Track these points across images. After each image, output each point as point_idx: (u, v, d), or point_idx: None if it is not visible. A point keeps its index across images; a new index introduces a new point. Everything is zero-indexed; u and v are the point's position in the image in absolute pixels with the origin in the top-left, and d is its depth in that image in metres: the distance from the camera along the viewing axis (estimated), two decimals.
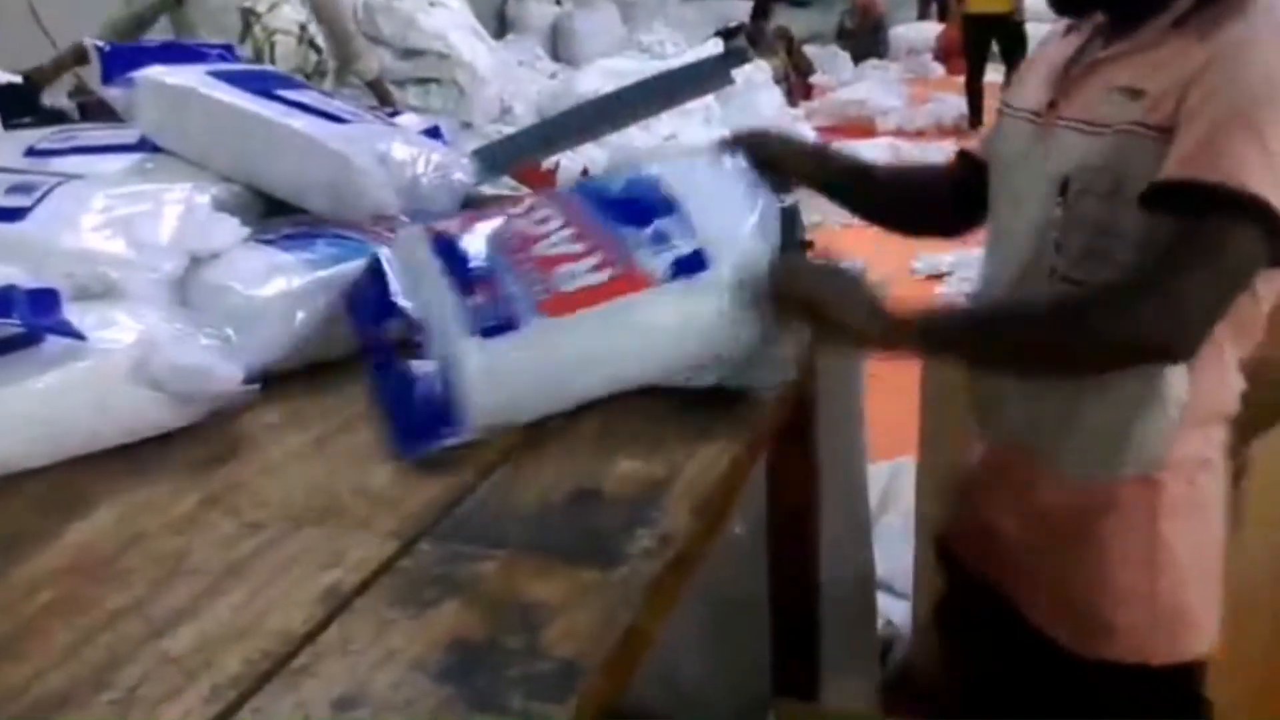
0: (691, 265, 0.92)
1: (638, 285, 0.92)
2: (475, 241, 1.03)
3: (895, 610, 2.19)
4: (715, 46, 5.74)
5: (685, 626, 1.67)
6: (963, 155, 1.25)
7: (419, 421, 0.87)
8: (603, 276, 0.93)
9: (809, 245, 1.42)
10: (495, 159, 1.39)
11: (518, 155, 1.42)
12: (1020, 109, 1.11)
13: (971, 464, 1.25)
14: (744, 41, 5.68)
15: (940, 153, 4.04)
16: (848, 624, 1.69)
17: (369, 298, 1.04)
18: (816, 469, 1.51)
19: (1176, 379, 1.01)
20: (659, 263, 0.93)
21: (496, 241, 1.02)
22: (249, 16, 2.54)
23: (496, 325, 0.88)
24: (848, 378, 1.65)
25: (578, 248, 0.97)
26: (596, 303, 0.90)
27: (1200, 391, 1.02)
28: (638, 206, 1.01)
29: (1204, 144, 0.90)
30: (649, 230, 0.97)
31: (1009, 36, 6.92)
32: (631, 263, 0.94)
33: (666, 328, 0.92)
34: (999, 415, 1.16)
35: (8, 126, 1.49)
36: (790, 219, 1.38)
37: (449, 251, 1.01)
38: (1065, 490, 1.10)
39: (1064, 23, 1.13)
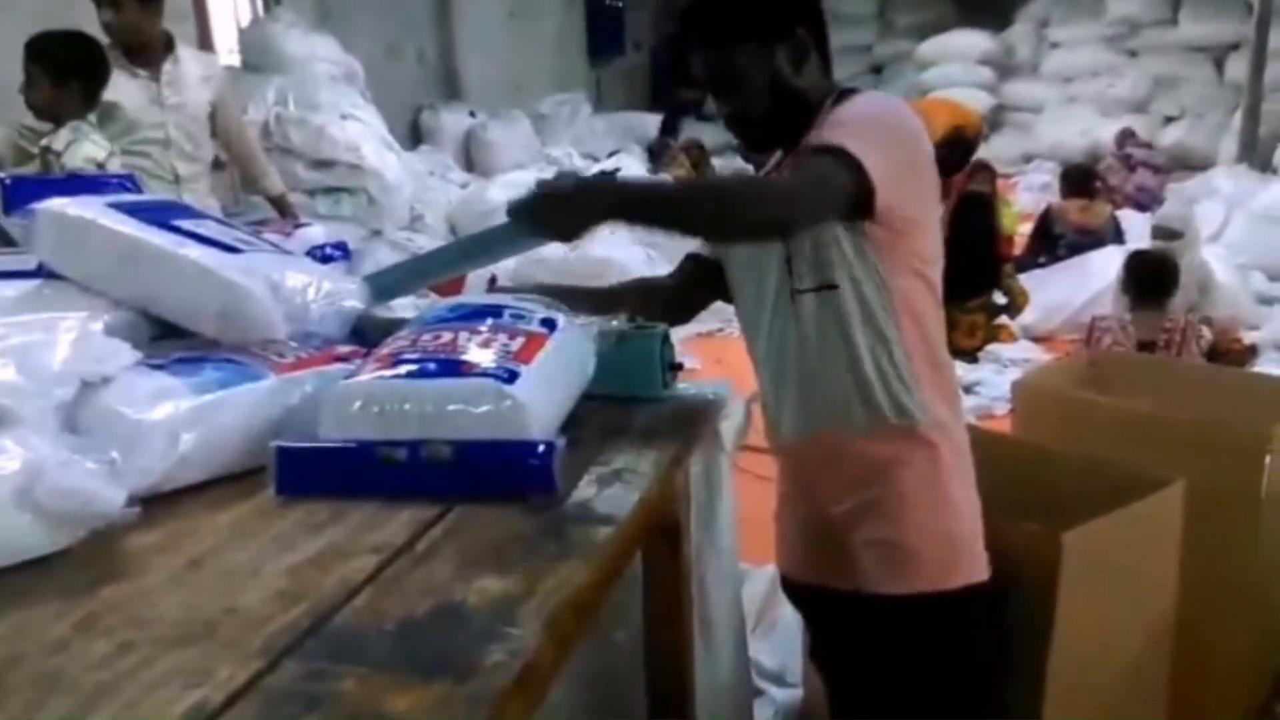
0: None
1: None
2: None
3: (785, 699, 2.26)
4: (614, 162, 5.93)
5: None
6: (692, 257, 1.69)
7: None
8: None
9: (679, 367, 1.52)
10: (384, 286, 1.48)
11: (403, 283, 1.52)
12: None
13: (784, 488, 1.61)
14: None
15: None
16: None
17: None
18: (688, 574, 1.59)
19: (896, 347, 1.45)
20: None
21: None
22: (48, 155, 2.63)
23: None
24: (715, 479, 1.75)
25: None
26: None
27: (914, 357, 1.46)
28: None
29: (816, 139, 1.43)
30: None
31: None
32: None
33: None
34: (790, 416, 1.53)
35: None
36: (663, 340, 1.49)
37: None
38: (858, 448, 1.47)
39: None
